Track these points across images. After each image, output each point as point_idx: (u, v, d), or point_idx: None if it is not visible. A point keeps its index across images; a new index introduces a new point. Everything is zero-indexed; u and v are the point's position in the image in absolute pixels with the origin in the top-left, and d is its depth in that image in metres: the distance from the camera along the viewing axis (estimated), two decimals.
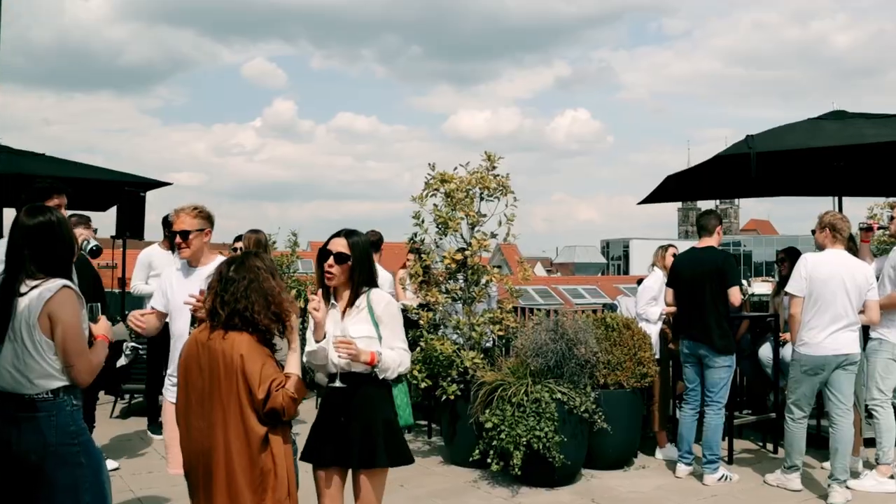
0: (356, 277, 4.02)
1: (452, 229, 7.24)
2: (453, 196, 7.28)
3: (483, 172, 7.40)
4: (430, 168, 7.49)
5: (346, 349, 3.80)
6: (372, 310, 3.99)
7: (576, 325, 6.59)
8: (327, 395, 4.11)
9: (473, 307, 7.38)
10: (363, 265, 4.03)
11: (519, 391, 6.35)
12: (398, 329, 4.06)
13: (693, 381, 6.86)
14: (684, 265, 6.96)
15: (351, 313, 4.02)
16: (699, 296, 6.73)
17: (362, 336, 3.94)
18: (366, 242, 4.10)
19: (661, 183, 8.65)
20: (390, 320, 4.02)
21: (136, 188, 10.40)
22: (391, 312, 4.04)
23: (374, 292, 4.04)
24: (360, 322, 3.99)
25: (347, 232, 4.08)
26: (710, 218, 6.97)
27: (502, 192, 7.46)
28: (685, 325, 6.89)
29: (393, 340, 4.01)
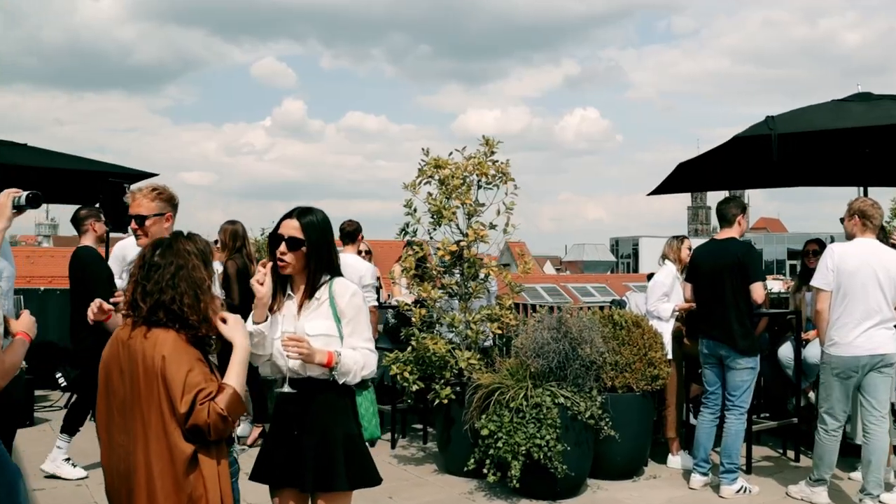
0: (313, 265, 3.46)
1: (447, 219, 6.67)
2: (448, 183, 6.72)
3: (481, 158, 6.84)
4: (424, 153, 6.93)
5: (296, 348, 3.25)
6: (334, 302, 3.43)
7: (580, 324, 6.03)
8: (278, 402, 3.56)
9: (470, 303, 6.82)
10: (321, 250, 3.46)
11: (518, 395, 5.79)
12: (363, 325, 3.49)
13: (713, 383, 6.28)
14: (703, 258, 6.39)
15: (309, 307, 3.46)
16: (719, 292, 6.16)
17: (319, 334, 3.39)
18: (323, 222, 3.51)
19: (672, 171, 8.07)
20: (355, 315, 3.45)
21: (119, 179, 9.87)
22: (356, 305, 3.46)
23: (337, 282, 3.48)
24: (319, 317, 3.44)
25: (300, 211, 3.51)
26: (731, 206, 6.38)
27: (502, 180, 6.90)
28: (704, 324, 6.33)
29: (356, 339, 3.44)
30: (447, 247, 6.61)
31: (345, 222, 7.67)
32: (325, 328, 3.41)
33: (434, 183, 6.86)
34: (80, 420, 6.53)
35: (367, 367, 3.45)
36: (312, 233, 3.44)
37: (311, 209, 3.54)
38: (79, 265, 6.57)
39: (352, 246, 7.62)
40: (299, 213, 3.49)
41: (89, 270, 6.55)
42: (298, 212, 3.50)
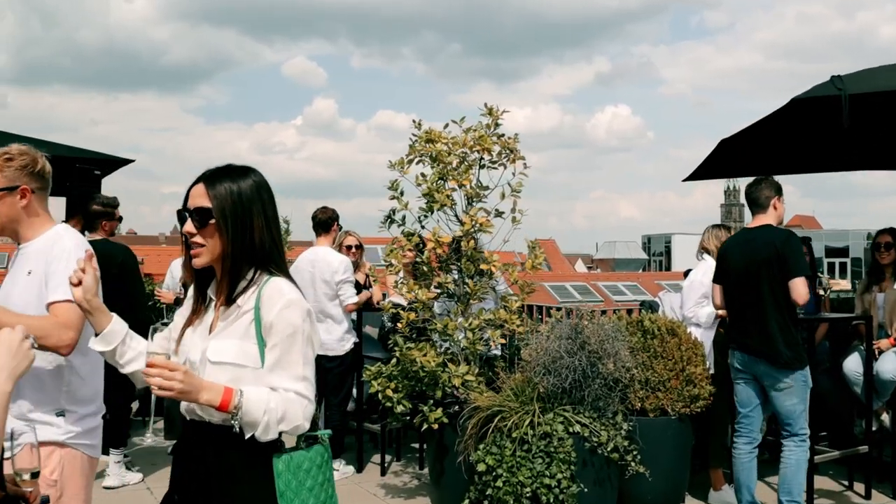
0: (230, 250, 2.31)
1: (441, 204, 5.51)
2: (441, 160, 5.56)
3: (483, 131, 5.66)
4: (416, 126, 5.77)
5: (158, 377, 2.11)
6: (260, 315, 2.29)
7: (602, 332, 4.84)
8: (172, 450, 2.50)
9: (470, 306, 5.65)
10: (242, 229, 2.31)
11: (522, 422, 4.63)
12: (297, 355, 2.29)
13: (747, 404, 5.07)
14: (733, 252, 5.18)
15: (227, 316, 2.33)
16: (754, 291, 4.96)
17: (224, 361, 2.27)
18: (249, 190, 2.35)
19: (713, 150, 6.83)
20: (286, 337, 2.27)
21: (88, 166, 8.79)
22: (290, 323, 2.28)
23: (271, 284, 2.31)
24: (231, 336, 2.30)
25: (211, 173, 2.38)
26: (763, 188, 5.15)
27: (509, 158, 5.72)
28: (736, 333, 5.14)
29: (281, 375, 2.27)
30: (439, 238, 5.44)
31: (317, 210, 6.54)
32: (235, 353, 2.27)
33: (427, 161, 5.70)
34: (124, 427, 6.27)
35: (288, 420, 2.23)
36: (227, 202, 2.30)
37: (231, 170, 2.40)
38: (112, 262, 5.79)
39: (325, 237, 6.49)
40: (209, 177, 2.36)
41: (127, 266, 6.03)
42: (208, 175, 2.37)
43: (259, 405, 2.18)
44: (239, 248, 2.29)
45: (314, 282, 6.28)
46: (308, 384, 2.29)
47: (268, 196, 2.39)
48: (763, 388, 4.98)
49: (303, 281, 6.34)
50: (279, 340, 2.26)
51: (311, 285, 6.30)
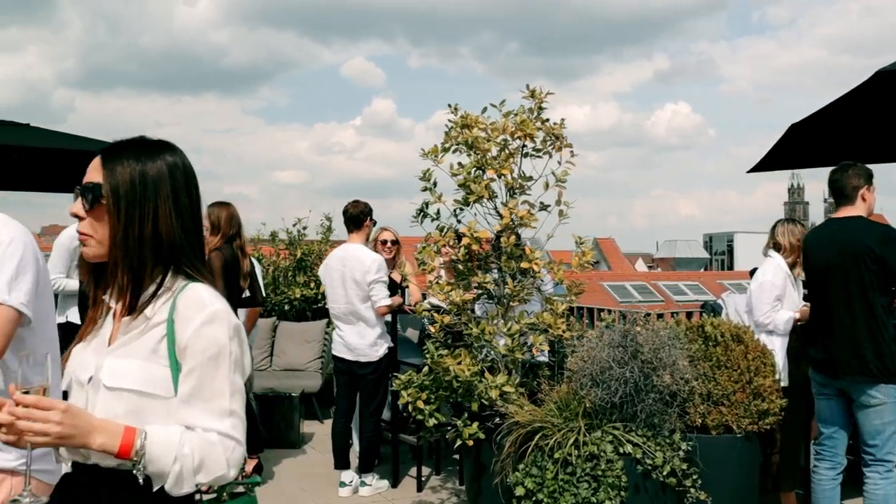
0: (121, 239, 1.82)
1: (478, 196, 4.97)
2: (478, 147, 5.03)
3: (525, 115, 5.12)
4: (452, 111, 5.25)
5: (25, 420, 1.62)
6: (174, 330, 1.80)
7: (656, 339, 4.26)
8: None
9: (512, 309, 5.11)
10: (140, 213, 1.83)
11: (566, 440, 4.08)
12: (219, 381, 1.79)
13: (831, 424, 4.46)
14: (816, 246, 4.57)
15: (130, 329, 1.83)
16: (839, 294, 4.36)
17: (123, 388, 1.77)
18: (158, 169, 1.86)
19: (782, 137, 6.19)
20: (206, 359, 1.78)
21: None
22: (212, 341, 1.79)
23: (189, 292, 1.83)
24: (136, 353, 1.80)
25: (113, 146, 1.90)
26: (849, 175, 4.51)
27: (554, 145, 5.17)
28: (818, 340, 4.53)
29: (198, 406, 1.78)
30: (474, 233, 4.91)
31: (349, 204, 6.04)
32: (137, 377, 1.78)
33: (464, 150, 5.17)
34: None
35: (207, 469, 1.74)
36: (123, 180, 1.82)
37: (139, 143, 1.91)
38: None
39: (357, 233, 5.98)
40: (110, 148, 1.89)
41: None
42: (109, 146, 1.90)
43: (168, 450, 1.69)
44: (133, 240, 1.81)
45: (345, 281, 5.81)
46: (236, 421, 1.79)
47: (184, 180, 1.90)
48: (849, 404, 4.37)
49: (333, 280, 5.87)
50: (198, 364, 1.76)
51: (342, 285, 5.83)
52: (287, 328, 9.12)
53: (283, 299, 9.50)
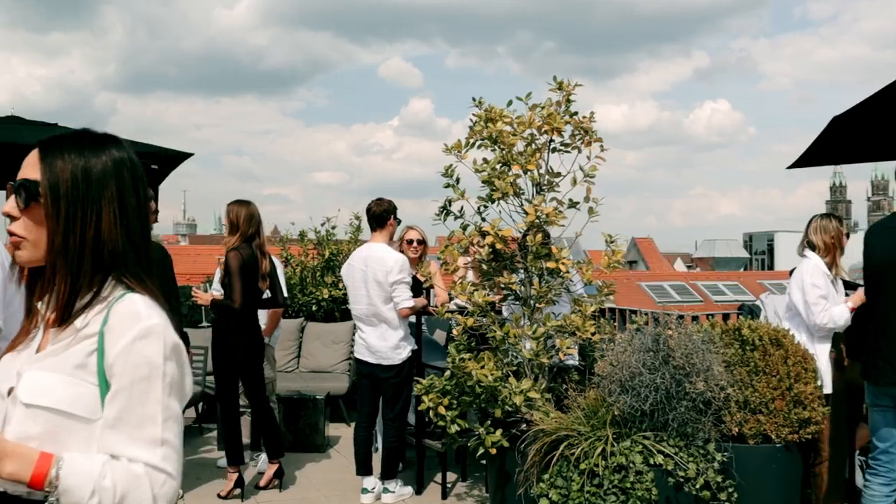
0: (60, 244, 1.60)
1: (502, 192, 4.76)
2: (503, 142, 4.82)
3: (552, 109, 4.90)
4: (476, 104, 5.05)
5: None
6: (104, 345, 1.58)
7: (690, 343, 4.03)
8: None
9: (539, 311, 4.90)
10: (82, 215, 1.61)
11: (593, 450, 3.86)
12: (150, 406, 1.56)
13: (887, 438, 4.17)
14: (875, 241, 4.29)
15: (58, 340, 1.62)
16: None
17: (40, 404, 1.55)
18: (103, 165, 1.65)
19: (824, 130, 5.90)
20: (137, 379, 1.56)
21: (144, 159, 8.32)
22: (143, 360, 1.56)
23: (125, 303, 1.60)
24: (61, 367, 1.58)
25: (53, 139, 1.68)
26: None
27: (583, 140, 4.95)
28: (871, 345, 4.24)
29: (124, 433, 1.55)
30: (498, 231, 4.70)
31: (372, 202, 5.84)
32: (59, 395, 1.56)
33: (489, 145, 4.96)
34: None
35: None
36: (64, 178, 1.62)
37: (83, 136, 1.69)
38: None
39: (380, 232, 5.78)
40: (49, 141, 1.68)
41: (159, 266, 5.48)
42: (49, 138, 1.68)
43: (86, 482, 1.48)
44: (73, 244, 1.60)
45: (367, 282, 5.63)
46: (168, 451, 1.55)
47: (131, 179, 1.68)
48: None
49: (355, 281, 5.69)
50: (126, 384, 1.54)
51: (364, 286, 5.65)
52: (314, 329, 8.97)
53: (311, 300, 9.34)
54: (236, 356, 5.72)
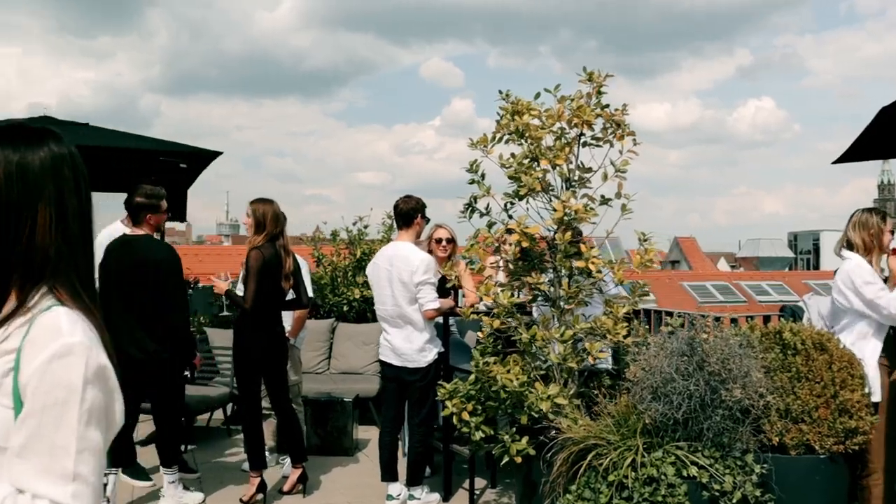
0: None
1: (529, 188, 4.55)
2: (531, 136, 4.61)
3: (582, 101, 4.68)
4: (503, 97, 4.85)
5: None
6: (19, 364, 1.37)
7: (726, 347, 3.79)
8: None
9: (570, 312, 4.68)
10: (16, 218, 1.41)
11: (622, 460, 3.64)
12: (62, 435, 1.33)
13: None
14: None
15: None
16: None
17: None
18: (41, 163, 1.44)
19: (871, 122, 5.63)
20: (49, 404, 1.33)
21: (172, 159, 8.22)
22: (57, 382, 1.34)
23: (47, 317, 1.39)
24: None
25: None
26: None
27: (614, 134, 4.73)
28: None
29: (31, 462, 1.32)
30: (524, 229, 4.49)
31: (399, 199, 5.64)
32: None
33: (516, 139, 4.76)
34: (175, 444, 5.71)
35: None
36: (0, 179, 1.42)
37: (18, 131, 1.48)
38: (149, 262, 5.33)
39: (407, 231, 5.59)
40: None
41: (166, 267, 5.44)
42: None
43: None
44: (4, 249, 1.42)
45: (391, 282, 5.45)
46: (81, 488, 1.33)
47: (73, 177, 1.48)
48: None
49: (380, 280, 5.52)
50: (37, 408, 1.34)
51: (389, 285, 5.47)
52: (345, 330, 8.83)
53: (342, 300, 9.19)
54: (252, 356, 5.59)
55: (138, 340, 5.23)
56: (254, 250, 5.43)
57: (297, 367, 6.58)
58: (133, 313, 5.24)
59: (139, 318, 5.25)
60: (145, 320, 5.25)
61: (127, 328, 5.23)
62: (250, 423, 5.73)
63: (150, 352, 5.25)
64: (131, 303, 5.25)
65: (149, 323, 5.26)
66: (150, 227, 5.45)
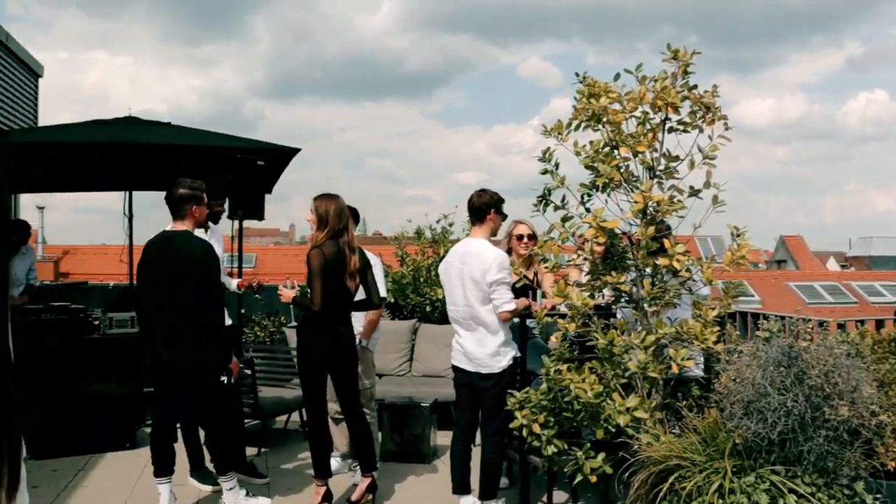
0: None
1: (607, 178, 4.13)
2: (609, 121, 4.19)
3: (666, 82, 4.22)
4: (579, 80, 4.43)
5: None
6: None
7: (830, 357, 3.30)
8: None
9: (656, 315, 4.23)
10: None
11: (707, 485, 3.20)
12: None
13: None
14: None
15: None
16: None
17: None
18: None
19: None
20: None
21: (250, 156, 8.03)
22: None
23: None
24: None
25: None
26: None
27: (703, 118, 4.26)
28: None
29: None
30: (600, 222, 4.06)
31: (474, 193, 5.27)
32: None
33: (593, 125, 4.33)
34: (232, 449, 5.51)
35: None
36: None
37: None
38: (181, 259, 5.09)
39: (480, 227, 5.21)
40: None
41: (201, 265, 5.18)
42: None
43: None
44: None
45: (463, 280, 5.09)
46: None
47: None
48: None
49: (451, 279, 5.18)
50: None
51: (461, 284, 5.12)
52: (428, 331, 8.52)
53: (425, 300, 8.89)
54: (316, 357, 5.31)
55: (170, 341, 5.06)
56: (313, 249, 5.16)
57: (369, 370, 6.29)
58: (169, 312, 5.06)
59: (176, 317, 5.06)
60: (181, 320, 5.06)
61: (160, 328, 5.07)
62: (315, 428, 5.47)
63: (182, 353, 5.05)
64: (167, 301, 5.07)
65: (185, 323, 5.06)
66: (193, 221, 5.23)
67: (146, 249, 5.23)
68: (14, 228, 8.50)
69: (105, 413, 7.21)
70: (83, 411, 7.14)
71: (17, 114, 11.24)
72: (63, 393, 7.11)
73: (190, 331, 5.04)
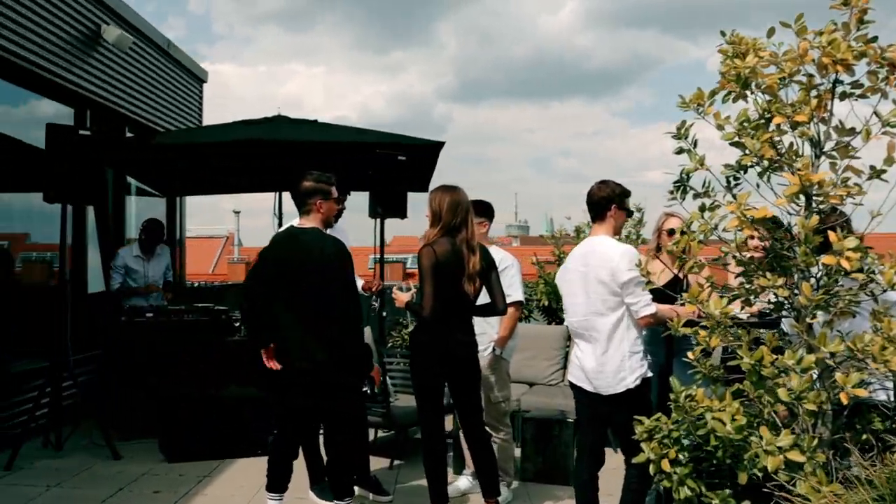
0: None
1: (756, 156, 3.31)
2: (760, 86, 3.36)
3: (835, 35, 3.34)
4: (726, 39, 3.61)
5: None
6: None
7: None
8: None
9: (825, 327, 3.36)
10: None
11: None
12: None
13: None
14: None
15: None
16: None
17: None
18: None
19: None
20: None
21: (390, 151, 7.60)
22: None
23: None
24: None
25: None
26: None
27: (888, 80, 3.35)
28: None
29: None
30: (745, 210, 3.24)
31: (594, 185, 4.55)
32: None
33: (741, 91, 3.51)
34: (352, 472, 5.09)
35: None
36: None
37: None
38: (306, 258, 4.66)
39: (601, 224, 4.48)
40: None
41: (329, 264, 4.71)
42: None
43: None
44: None
45: (587, 284, 4.38)
46: None
47: None
48: None
49: (571, 285, 4.46)
50: None
51: (583, 289, 4.40)
52: None
53: None
54: (427, 367, 4.75)
55: (306, 348, 4.55)
56: (424, 248, 4.61)
57: (504, 381, 5.67)
58: (301, 317, 4.57)
59: (308, 322, 4.56)
60: (314, 325, 4.55)
61: (297, 336, 4.57)
62: (428, 447, 4.90)
63: (317, 362, 4.54)
64: (298, 305, 4.57)
65: (318, 328, 4.54)
66: (321, 218, 4.74)
67: (271, 248, 4.79)
68: (146, 229, 8.47)
69: (240, 418, 7.02)
70: (218, 415, 6.97)
71: (181, 116, 11.44)
72: (199, 395, 6.97)
73: (321, 338, 4.55)
